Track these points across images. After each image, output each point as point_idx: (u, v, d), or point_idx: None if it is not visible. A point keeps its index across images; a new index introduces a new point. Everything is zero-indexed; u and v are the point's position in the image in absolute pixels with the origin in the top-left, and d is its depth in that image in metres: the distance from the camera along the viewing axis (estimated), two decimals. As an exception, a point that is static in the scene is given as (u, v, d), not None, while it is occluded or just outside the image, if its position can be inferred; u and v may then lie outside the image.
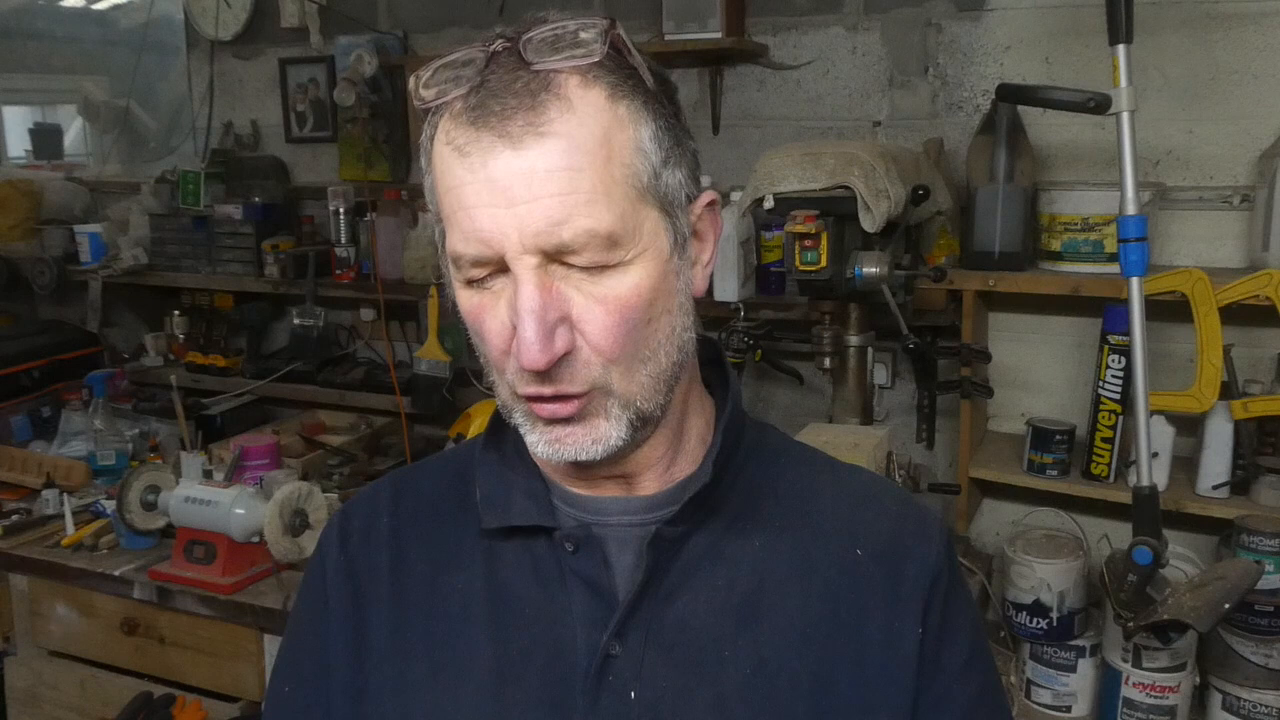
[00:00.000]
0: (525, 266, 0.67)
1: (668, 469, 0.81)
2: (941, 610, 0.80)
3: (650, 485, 0.80)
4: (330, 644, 0.83)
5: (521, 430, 0.75)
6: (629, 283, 0.70)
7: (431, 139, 0.72)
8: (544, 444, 0.73)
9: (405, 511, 0.87)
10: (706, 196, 0.77)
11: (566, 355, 0.69)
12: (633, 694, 0.75)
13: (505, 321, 0.70)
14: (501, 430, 0.86)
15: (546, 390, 0.70)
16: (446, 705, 0.78)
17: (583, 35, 0.69)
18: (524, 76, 0.68)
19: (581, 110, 0.68)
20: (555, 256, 0.68)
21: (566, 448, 0.73)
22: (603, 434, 0.72)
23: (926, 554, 0.82)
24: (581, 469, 0.78)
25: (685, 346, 0.76)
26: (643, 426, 0.74)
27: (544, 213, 0.66)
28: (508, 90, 0.67)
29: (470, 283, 0.71)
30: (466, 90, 0.69)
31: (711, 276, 0.82)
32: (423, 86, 0.71)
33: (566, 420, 0.72)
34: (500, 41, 0.70)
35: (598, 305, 0.69)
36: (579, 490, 0.81)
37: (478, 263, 0.69)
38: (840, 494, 0.85)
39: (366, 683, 0.81)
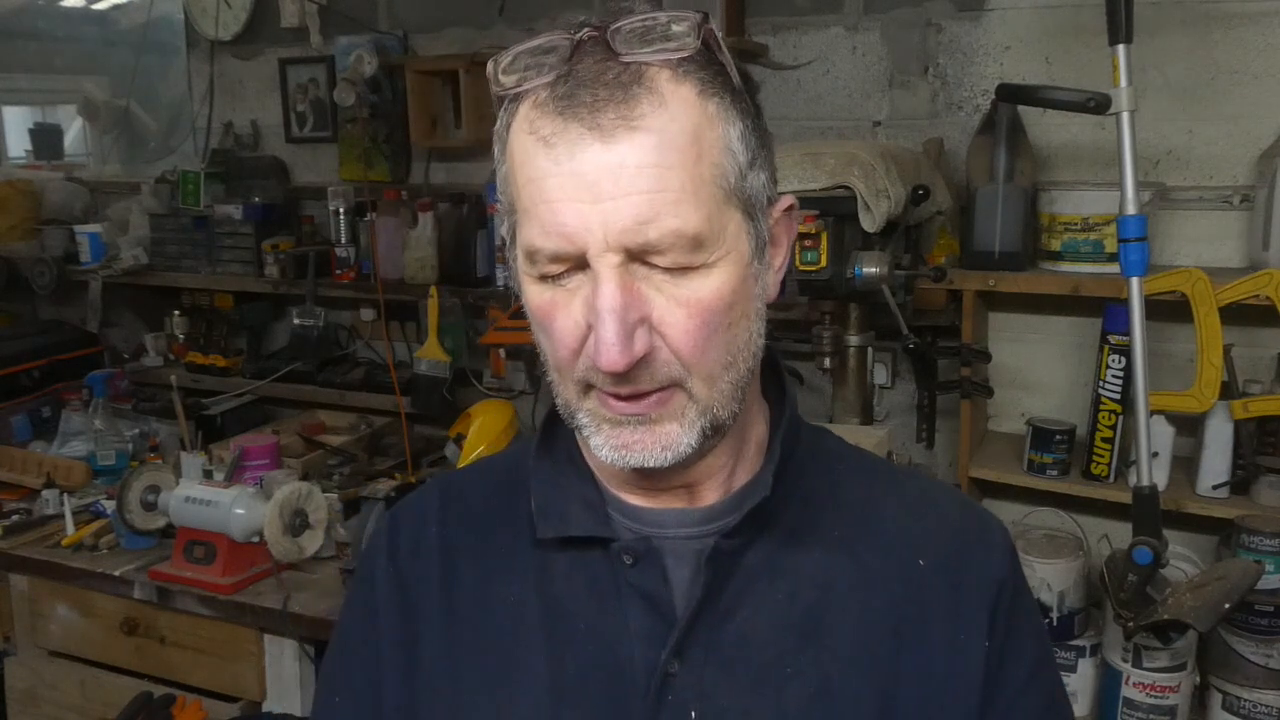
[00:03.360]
0: (607, 265, 0.65)
1: (729, 477, 0.78)
2: (1007, 621, 0.78)
3: (711, 495, 0.78)
4: (381, 657, 0.82)
5: (585, 433, 0.72)
6: (711, 286, 0.67)
7: (508, 127, 0.69)
8: (609, 449, 0.70)
9: (453, 520, 0.84)
10: (785, 201, 0.76)
11: (645, 357, 0.67)
12: (693, 713, 0.73)
13: (579, 320, 0.68)
14: (553, 436, 0.84)
15: (622, 390, 0.68)
16: None
17: (675, 28, 0.66)
18: (614, 67, 0.65)
19: (673, 106, 0.65)
20: (638, 255, 0.66)
21: (634, 454, 0.70)
22: (673, 440, 0.70)
23: (989, 563, 0.80)
24: (644, 477, 0.76)
25: (759, 353, 0.74)
26: (714, 434, 0.71)
27: (631, 210, 0.64)
28: (598, 81, 0.65)
29: (544, 278, 0.69)
30: (553, 78, 0.66)
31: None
32: (502, 72, 0.68)
33: (638, 424, 0.69)
34: (587, 30, 0.67)
35: (680, 308, 0.67)
36: (635, 501, 0.79)
37: (556, 258, 0.67)
38: (900, 502, 0.83)
39: (417, 696, 0.79)
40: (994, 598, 0.78)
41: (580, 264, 0.67)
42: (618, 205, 0.64)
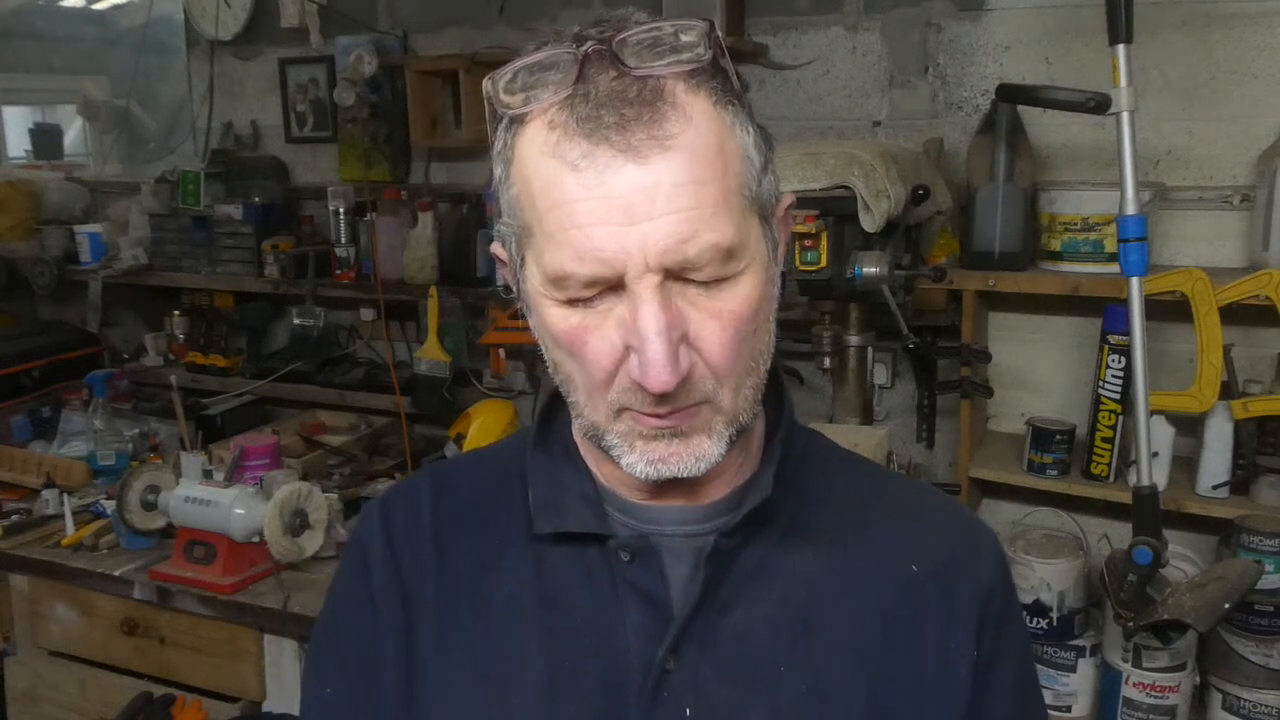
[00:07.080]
0: (648, 285, 0.64)
1: (734, 477, 0.79)
2: (996, 631, 0.79)
3: (713, 494, 0.78)
4: (380, 642, 0.80)
5: (615, 453, 0.71)
6: (741, 295, 0.67)
7: (511, 147, 0.68)
8: (645, 464, 0.70)
9: (446, 509, 0.83)
10: (787, 199, 0.75)
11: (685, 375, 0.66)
12: (688, 710, 0.73)
13: (615, 342, 0.67)
14: (549, 431, 0.83)
15: (663, 410, 0.68)
16: (497, 714, 0.75)
17: (684, 38, 0.65)
18: (633, 84, 0.64)
19: (697, 120, 0.64)
20: (675, 273, 0.65)
21: (669, 466, 0.70)
22: (705, 451, 0.70)
23: (981, 571, 0.80)
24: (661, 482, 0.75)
25: (772, 355, 0.74)
26: (737, 439, 0.72)
27: (670, 229, 0.63)
28: (620, 99, 0.63)
29: (571, 302, 0.67)
30: (568, 95, 0.64)
31: None
32: (504, 91, 0.66)
33: (671, 436, 0.69)
34: (591, 44, 0.65)
35: (713, 320, 0.67)
36: (635, 498, 0.78)
37: (592, 283, 0.65)
38: (893, 506, 0.83)
39: (415, 686, 0.78)
40: (983, 606, 0.79)
41: (614, 286, 0.65)
42: (656, 226, 0.63)
